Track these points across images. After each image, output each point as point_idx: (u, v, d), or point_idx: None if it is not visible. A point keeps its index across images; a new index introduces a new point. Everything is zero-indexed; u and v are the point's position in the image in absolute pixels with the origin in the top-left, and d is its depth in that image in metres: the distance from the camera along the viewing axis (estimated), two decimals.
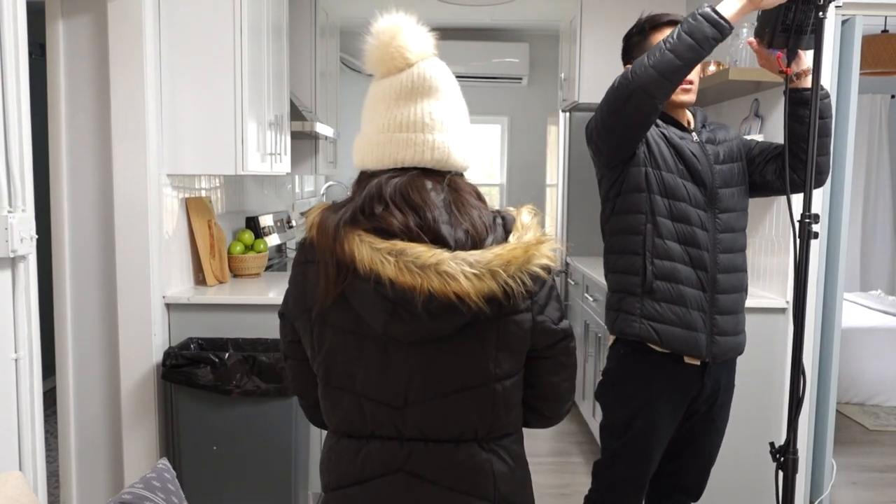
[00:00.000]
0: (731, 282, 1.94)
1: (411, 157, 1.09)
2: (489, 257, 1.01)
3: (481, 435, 1.11)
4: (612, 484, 2.02)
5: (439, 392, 1.08)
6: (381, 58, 1.12)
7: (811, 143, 1.71)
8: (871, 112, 6.08)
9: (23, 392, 1.83)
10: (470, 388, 1.08)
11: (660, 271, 1.87)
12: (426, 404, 1.08)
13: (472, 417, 1.09)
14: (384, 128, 1.12)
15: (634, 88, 1.74)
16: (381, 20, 1.12)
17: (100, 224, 2.59)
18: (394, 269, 1.00)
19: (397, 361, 1.08)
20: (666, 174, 1.89)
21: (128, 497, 1.38)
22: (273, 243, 3.77)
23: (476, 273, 1.00)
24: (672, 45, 1.70)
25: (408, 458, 1.10)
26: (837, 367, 2.92)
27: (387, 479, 1.10)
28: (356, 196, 1.10)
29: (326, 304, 1.08)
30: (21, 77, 1.77)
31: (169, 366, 2.42)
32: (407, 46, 1.11)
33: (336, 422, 1.15)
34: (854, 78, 2.74)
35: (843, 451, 3.63)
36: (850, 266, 6.02)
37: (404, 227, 1.03)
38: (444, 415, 1.08)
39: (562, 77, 4.52)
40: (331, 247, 1.05)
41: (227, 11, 2.59)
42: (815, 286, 2.83)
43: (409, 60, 1.11)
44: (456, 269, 0.99)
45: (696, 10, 1.72)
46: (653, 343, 1.90)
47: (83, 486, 2.67)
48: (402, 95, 1.11)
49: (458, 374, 1.07)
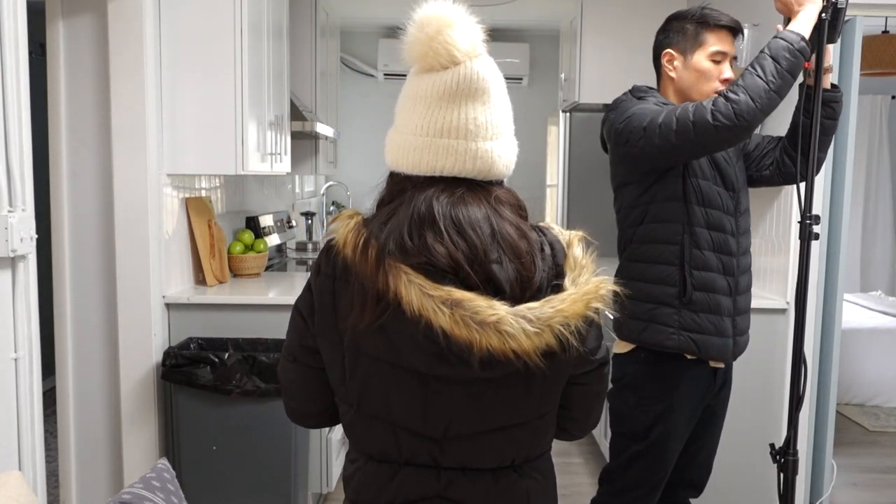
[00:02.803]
0: (745, 282, 1.96)
1: (451, 167, 1.01)
2: (550, 313, 0.96)
3: (518, 462, 1.09)
4: (625, 488, 2.01)
5: (482, 428, 1.04)
6: (424, 52, 1.00)
7: (813, 140, 1.72)
8: (872, 113, 6.08)
9: (22, 392, 1.83)
10: (515, 426, 1.05)
11: (698, 282, 1.85)
12: (468, 439, 1.04)
13: (512, 449, 1.07)
14: (423, 131, 1.01)
15: (741, 130, 1.68)
16: (426, 7, 1.01)
17: (100, 224, 2.59)
18: (448, 321, 0.93)
19: (440, 398, 1.03)
20: (703, 182, 1.86)
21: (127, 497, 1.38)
22: (273, 243, 3.77)
23: (535, 330, 0.94)
24: (777, 87, 1.69)
25: (446, 487, 1.06)
26: (837, 368, 2.92)
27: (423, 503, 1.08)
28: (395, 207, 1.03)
29: (359, 331, 1.00)
30: (21, 77, 1.77)
31: (169, 366, 2.42)
32: (455, 43, 0.99)
33: (365, 446, 1.10)
34: (854, 78, 2.74)
35: (843, 452, 3.63)
36: (851, 267, 6.02)
37: (454, 264, 0.96)
38: (484, 448, 1.05)
39: (562, 77, 4.52)
40: (371, 277, 0.96)
41: (227, 11, 2.59)
42: (815, 287, 2.83)
43: (456, 59, 0.99)
44: (517, 328, 0.93)
45: (792, 46, 1.70)
46: (692, 354, 1.88)
47: (83, 486, 2.67)
48: (444, 97, 1.00)
49: (503, 412, 1.04)
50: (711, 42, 1.90)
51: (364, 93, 6.00)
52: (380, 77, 5.88)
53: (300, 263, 4.01)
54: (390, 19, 5.74)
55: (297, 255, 4.33)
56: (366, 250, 0.97)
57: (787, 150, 2.01)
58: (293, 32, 3.74)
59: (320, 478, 2.78)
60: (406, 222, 0.99)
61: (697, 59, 1.91)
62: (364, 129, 6.03)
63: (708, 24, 1.90)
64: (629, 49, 4.01)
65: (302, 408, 1.18)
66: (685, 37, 1.93)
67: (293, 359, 1.14)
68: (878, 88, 5.99)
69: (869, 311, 4.77)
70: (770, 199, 2.90)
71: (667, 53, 1.97)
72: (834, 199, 2.83)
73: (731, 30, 1.92)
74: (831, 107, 1.92)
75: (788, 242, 2.76)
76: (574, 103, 4.21)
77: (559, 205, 4.39)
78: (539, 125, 5.86)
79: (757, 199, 2.90)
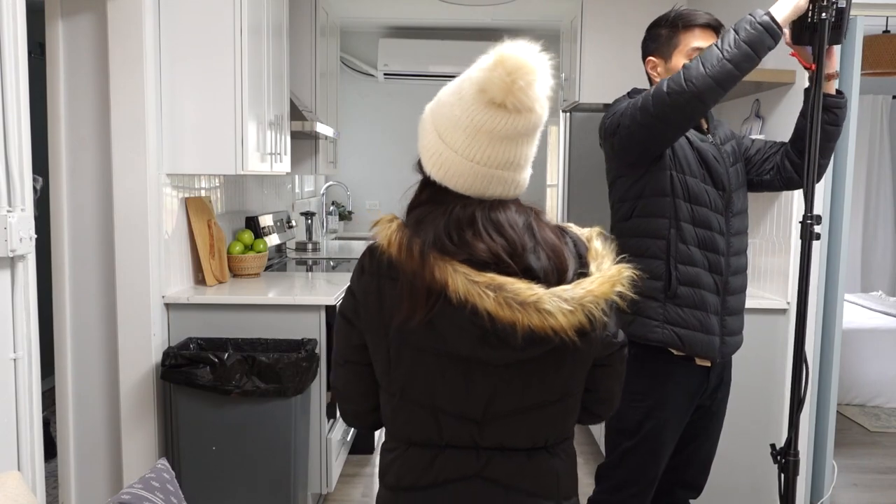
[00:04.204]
0: (738, 283, 1.96)
1: (499, 193, 1.11)
2: (581, 293, 1.05)
3: (550, 442, 1.18)
4: (620, 484, 2.02)
5: (519, 408, 1.13)
6: (506, 96, 1.03)
7: (813, 144, 1.71)
8: (873, 113, 6.07)
9: (21, 392, 1.83)
10: (549, 403, 1.14)
11: (684, 277, 1.87)
12: (506, 419, 1.13)
13: (547, 429, 1.16)
14: (483, 161, 1.08)
15: (690, 97, 1.68)
16: (512, 52, 1.03)
17: (99, 223, 2.59)
18: (493, 304, 1.02)
19: (481, 380, 1.11)
20: (690, 178, 1.88)
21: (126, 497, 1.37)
22: (273, 243, 3.77)
23: (570, 309, 1.04)
24: (731, 56, 1.67)
25: (485, 466, 1.14)
26: (838, 369, 2.91)
27: (463, 483, 1.15)
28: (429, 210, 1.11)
29: (410, 326, 1.08)
30: (20, 76, 1.77)
31: (168, 366, 2.42)
32: (539, 97, 1.05)
33: (408, 433, 1.17)
34: (855, 78, 2.74)
35: (843, 452, 3.63)
36: (851, 267, 6.02)
37: (494, 257, 1.05)
38: (521, 427, 1.14)
39: (562, 77, 4.52)
40: (419, 272, 1.05)
41: (227, 11, 2.59)
42: (816, 287, 2.82)
43: (534, 111, 1.05)
44: (555, 306, 1.03)
45: (754, 19, 1.69)
46: (675, 348, 1.90)
47: (82, 486, 2.66)
48: (508, 136, 1.07)
49: (538, 391, 1.13)
50: (686, 42, 1.91)
51: (364, 93, 5.99)
52: (380, 77, 5.88)
53: (300, 263, 4.01)
54: (390, 19, 5.74)
55: (297, 255, 4.33)
56: (411, 248, 1.06)
57: (790, 155, 2.01)
58: (293, 32, 3.74)
59: (320, 478, 2.78)
60: (443, 223, 1.08)
61: (676, 62, 1.92)
62: (364, 129, 6.03)
63: (678, 26, 1.92)
64: (629, 49, 4.00)
65: (360, 408, 1.24)
66: (661, 42, 1.96)
67: (344, 361, 1.22)
68: (878, 88, 5.98)
69: (869, 312, 4.77)
70: (770, 200, 2.89)
71: (649, 61, 2.00)
72: (835, 199, 2.83)
73: (707, 26, 1.91)
74: (835, 112, 1.90)
75: (789, 242, 2.76)
76: (574, 103, 4.20)
77: (559, 205, 4.38)
78: None
79: (757, 200, 2.90)
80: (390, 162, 6.05)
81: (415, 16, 5.57)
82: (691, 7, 2.05)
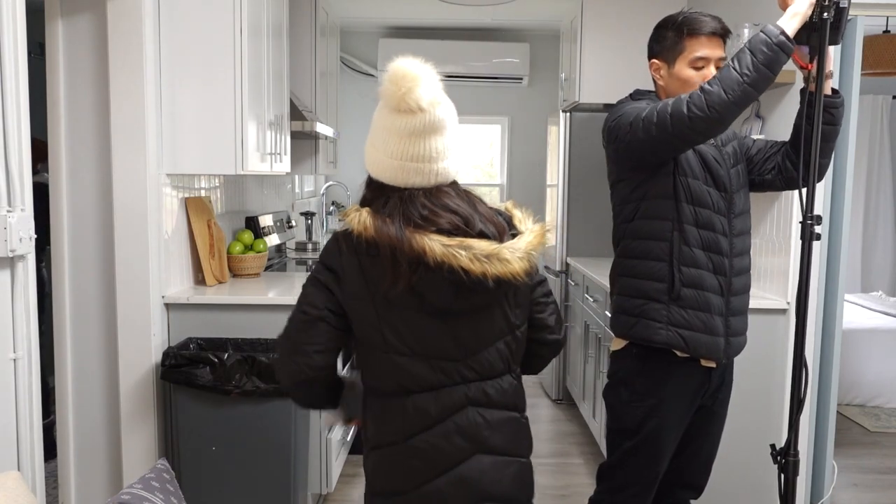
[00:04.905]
0: (741, 283, 1.96)
1: (420, 182, 1.36)
2: (524, 245, 1.36)
3: (512, 368, 1.46)
4: (621, 485, 2.02)
5: (487, 342, 1.41)
6: (398, 102, 1.32)
7: (814, 144, 1.71)
8: (873, 113, 6.07)
9: (21, 392, 1.83)
10: (503, 336, 1.42)
11: (687, 279, 1.88)
12: (480, 353, 1.41)
13: (507, 356, 1.44)
14: (397, 156, 1.35)
15: (713, 122, 1.70)
16: (398, 64, 1.32)
17: (99, 223, 2.59)
18: (467, 261, 1.29)
19: (457, 326, 1.38)
20: (692, 181, 1.89)
21: (126, 497, 1.37)
22: (273, 243, 3.77)
23: (520, 257, 1.34)
24: (751, 80, 1.68)
25: (472, 394, 1.41)
26: (838, 369, 2.91)
27: (460, 413, 1.40)
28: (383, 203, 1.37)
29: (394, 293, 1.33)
30: (20, 76, 1.77)
31: (168, 366, 2.42)
32: (423, 97, 1.31)
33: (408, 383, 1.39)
34: (855, 78, 2.74)
35: (843, 452, 3.63)
36: (851, 267, 6.02)
37: (454, 227, 1.33)
38: (491, 358, 1.42)
39: (562, 77, 4.52)
40: (398, 246, 1.30)
41: (227, 11, 2.59)
42: (816, 287, 2.82)
43: (424, 109, 1.32)
44: (511, 256, 1.33)
45: (770, 40, 1.68)
46: (680, 350, 1.91)
47: (82, 486, 2.66)
48: (413, 134, 1.33)
49: (495, 328, 1.41)
50: (691, 49, 1.91)
51: (364, 93, 5.99)
52: (380, 77, 5.87)
53: (300, 263, 4.01)
54: (390, 19, 5.74)
55: (297, 255, 4.33)
56: (387, 227, 1.31)
57: (790, 155, 2.01)
58: (293, 32, 3.74)
59: (320, 478, 2.78)
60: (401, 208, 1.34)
61: (679, 68, 1.93)
62: (364, 129, 6.00)
63: (684, 32, 1.91)
64: (629, 49, 4.01)
65: (311, 362, 1.40)
66: (666, 46, 1.95)
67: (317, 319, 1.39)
68: (878, 88, 5.98)
69: (870, 312, 4.77)
70: (770, 200, 2.89)
71: (653, 63, 2.00)
72: (835, 199, 2.83)
73: (713, 34, 1.91)
74: (831, 112, 1.90)
75: (789, 243, 2.76)
76: (574, 103, 4.20)
77: (559, 205, 4.38)
78: (539, 125, 5.87)
79: (757, 200, 2.90)
80: None
81: (415, 16, 5.57)
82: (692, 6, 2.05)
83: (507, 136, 6.09)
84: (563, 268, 4.39)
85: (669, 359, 1.93)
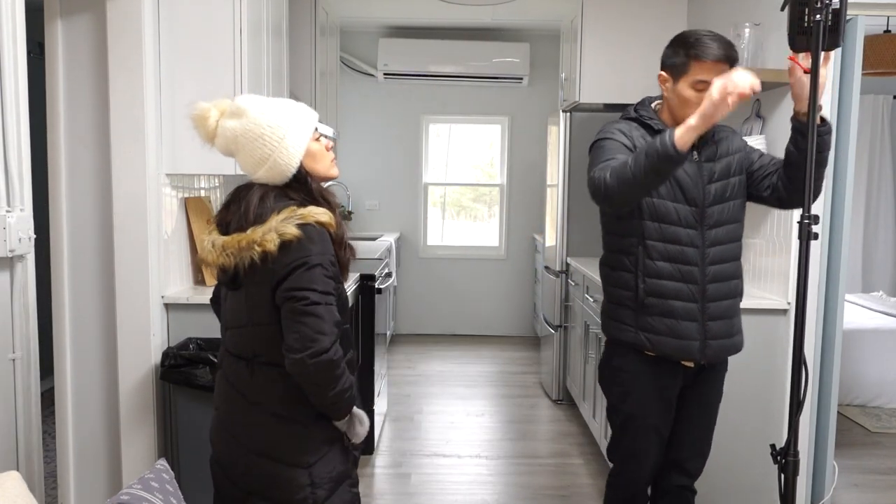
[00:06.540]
0: (722, 290, 2.05)
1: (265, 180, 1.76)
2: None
3: (257, 353, 1.62)
4: (625, 457, 2.18)
5: (238, 324, 1.65)
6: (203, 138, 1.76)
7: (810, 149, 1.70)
8: (874, 113, 6.07)
9: (20, 392, 1.83)
10: (254, 325, 1.61)
11: (650, 289, 2.02)
12: (233, 330, 1.66)
13: (252, 343, 1.62)
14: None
15: (616, 200, 1.90)
16: (193, 110, 1.78)
17: (98, 224, 2.58)
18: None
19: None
20: (657, 201, 1.99)
21: (126, 498, 1.37)
22: None
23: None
24: (640, 182, 1.83)
25: (227, 367, 1.68)
26: (839, 369, 2.91)
27: (219, 384, 1.71)
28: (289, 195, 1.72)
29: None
30: (20, 76, 1.77)
31: (167, 366, 2.42)
32: (207, 135, 1.83)
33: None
34: (856, 78, 2.73)
35: (844, 453, 3.62)
36: (852, 267, 6.01)
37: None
38: (241, 340, 1.64)
39: (562, 77, 4.52)
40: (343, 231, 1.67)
41: (227, 11, 2.59)
42: (816, 287, 2.82)
43: (214, 142, 1.84)
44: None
45: (659, 150, 1.78)
46: (646, 350, 2.06)
47: (81, 486, 2.66)
48: (226, 153, 1.82)
49: (244, 313, 1.64)
50: (695, 73, 1.95)
51: (364, 93, 5.99)
52: (380, 77, 5.88)
53: None
54: (390, 19, 5.74)
55: None
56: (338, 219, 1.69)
57: (783, 178, 2.05)
58: (293, 32, 3.73)
59: None
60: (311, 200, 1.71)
61: (682, 87, 1.98)
62: (364, 129, 6.02)
63: (691, 55, 1.95)
64: (629, 49, 4.00)
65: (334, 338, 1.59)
66: (675, 63, 2.00)
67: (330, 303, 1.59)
68: (879, 88, 5.97)
69: (870, 312, 4.76)
70: None
71: (661, 74, 2.05)
72: (835, 199, 2.83)
73: (718, 60, 1.93)
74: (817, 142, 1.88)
75: (789, 243, 2.75)
76: (574, 103, 4.20)
77: (559, 205, 4.38)
78: (539, 125, 5.87)
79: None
80: (390, 162, 6.05)
81: (415, 16, 5.57)
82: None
83: (507, 136, 6.09)
84: (563, 268, 4.38)
85: (635, 356, 2.09)
